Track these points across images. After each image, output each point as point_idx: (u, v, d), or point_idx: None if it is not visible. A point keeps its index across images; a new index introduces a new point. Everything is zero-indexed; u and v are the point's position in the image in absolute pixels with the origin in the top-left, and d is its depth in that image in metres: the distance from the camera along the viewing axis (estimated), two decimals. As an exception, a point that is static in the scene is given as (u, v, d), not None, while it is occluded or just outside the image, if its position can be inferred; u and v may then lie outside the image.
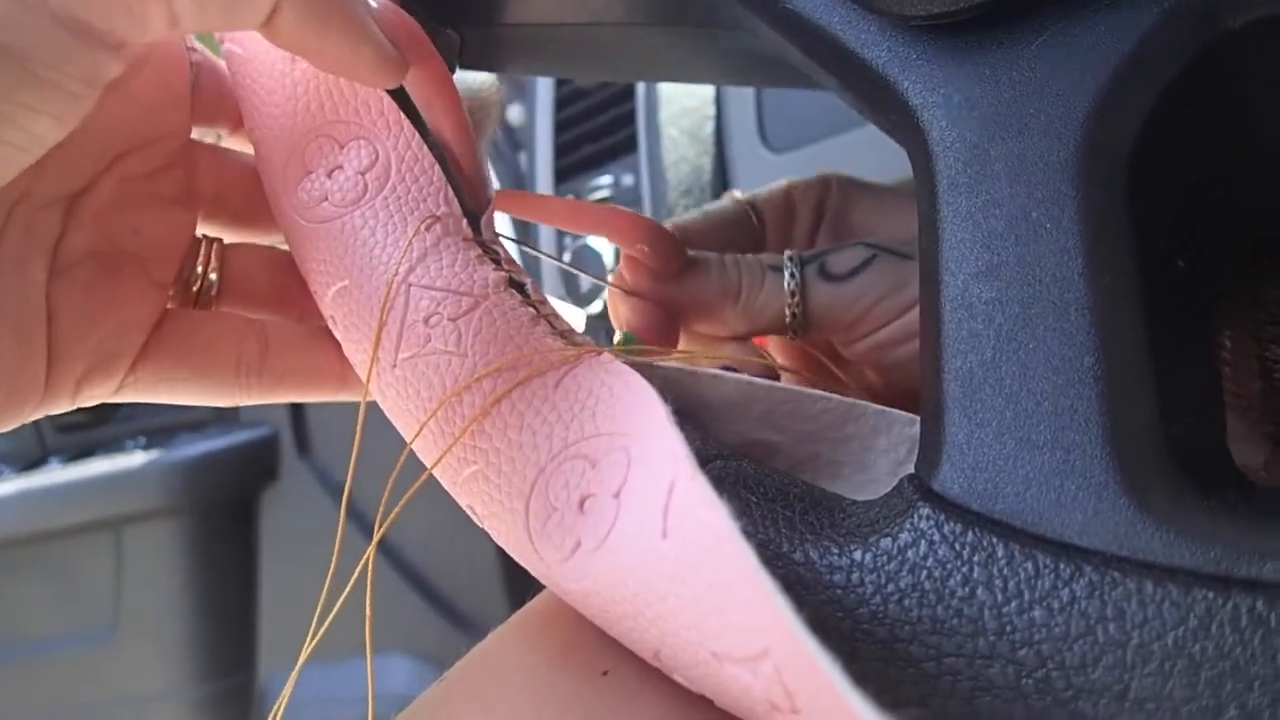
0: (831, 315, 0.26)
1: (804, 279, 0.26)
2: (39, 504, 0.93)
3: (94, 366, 0.20)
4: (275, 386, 0.22)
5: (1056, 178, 0.15)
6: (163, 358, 0.21)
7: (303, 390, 0.22)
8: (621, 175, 0.60)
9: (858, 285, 0.26)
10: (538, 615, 0.20)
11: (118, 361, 0.20)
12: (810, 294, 0.26)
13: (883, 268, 0.26)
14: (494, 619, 0.20)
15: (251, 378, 0.22)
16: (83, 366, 0.20)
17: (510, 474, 0.18)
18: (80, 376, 0.20)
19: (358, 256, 0.20)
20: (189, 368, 0.21)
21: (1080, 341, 0.15)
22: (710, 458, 0.18)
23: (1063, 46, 0.15)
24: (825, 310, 0.26)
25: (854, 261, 0.26)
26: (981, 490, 0.15)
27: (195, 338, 0.21)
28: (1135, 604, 0.13)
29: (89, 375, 0.20)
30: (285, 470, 0.95)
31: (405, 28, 0.20)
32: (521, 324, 0.19)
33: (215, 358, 0.21)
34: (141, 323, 0.21)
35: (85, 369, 0.20)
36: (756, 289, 0.27)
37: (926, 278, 0.17)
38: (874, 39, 0.17)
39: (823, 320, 0.26)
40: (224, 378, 0.21)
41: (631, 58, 0.28)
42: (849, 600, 0.15)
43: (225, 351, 0.21)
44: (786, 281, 0.26)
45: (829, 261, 0.26)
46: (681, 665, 0.15)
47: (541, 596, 0.20)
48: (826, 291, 0.26)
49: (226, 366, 0.21)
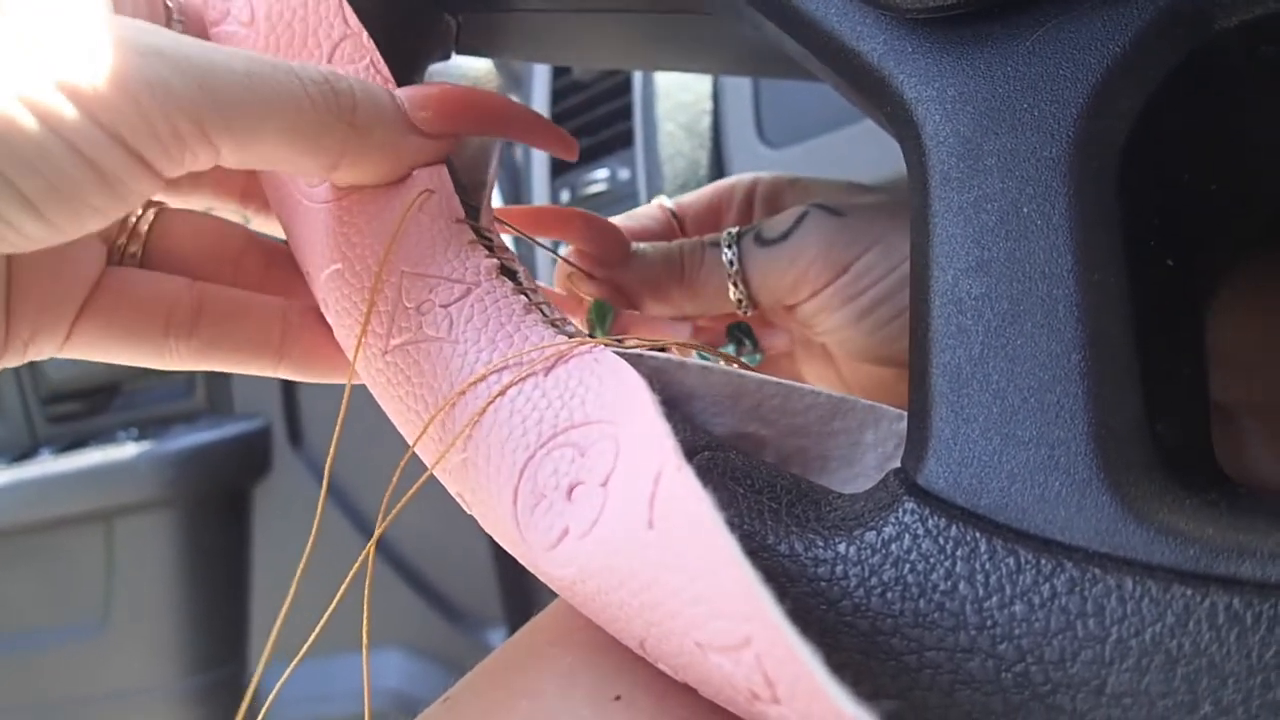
0: (770, 281, 0.26)
1: (741, 249, 0.27)
2: (30, 495, 0.92)
3: (43, 323, 0.20)
4: (206, 351, 0.22)
5: (1048, 174, 0.15)
6: (98, 315, 0.21)
7: (236, 360, 0.23)
8: (618, 169, 0.60)
9: (791, 246, 0.26)
10: (544, 632, 0.19)
11: (63, 318, 0.21)
12: (748, 262, 0.26)
13: (816, 225, 0.26)
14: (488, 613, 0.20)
15: (180, 340, 0.22)
16: (32, 324, 0.20)
17: (499, 461, 0.18)
18: (31, 331, 0.20)
19: (352, 240, 0.20)
20: (120, 324, 0.21)
21: (1068, 338, 0.15)
22: (698, 448, 0.18)
23: (1057, 43, 0.15)
24: (763, 276, 0.26)
25: (786, 223, 0.26)
26: (966, 485, 0.15)
27: (127, 296, 0.21)
28: (1115, 600, 0.13)
29: (37, 332, 0.20)
30: (278, 462, 0.95)
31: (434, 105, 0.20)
32: (513, 312, 0.19)
33: (145, 317, 0.21)
34: (87, 278, 0.21)
35: (34, 326, 0.20)
36: (697, 264, 0.27)
37: (917, 272, 0.17)
38: (869, 31, 0.17)
39: (763, 287, 0.27)
40: (153, 337, 0.22)
41: (628, 46, 0.28)
42: (832, 592, 0.15)
43: (155, 312, 0.22)
44: (725, 254, 0.27)
45: (763, 227, 0.27)
46: (666, 654, 0.15)
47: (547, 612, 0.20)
48: (762, 256, 0.26)
49: (155, 326, 0.21)
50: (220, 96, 0.16)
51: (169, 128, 0.16)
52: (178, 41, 0.16)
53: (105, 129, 0.15)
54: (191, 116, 0.16)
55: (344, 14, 0.21)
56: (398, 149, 0.20)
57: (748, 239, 0.27)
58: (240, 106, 0.16)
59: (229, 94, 0.16)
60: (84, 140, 0.15)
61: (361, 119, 0.19)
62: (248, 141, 0.17)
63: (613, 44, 0.28)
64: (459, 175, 0.21)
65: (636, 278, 0.28)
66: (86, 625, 0.94)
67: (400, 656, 0.86)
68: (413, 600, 0.85)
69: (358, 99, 0.19)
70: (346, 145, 0.18)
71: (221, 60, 0.16)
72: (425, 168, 0.20)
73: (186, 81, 0.16)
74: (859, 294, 0.25)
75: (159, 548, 0.92)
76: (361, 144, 0.19)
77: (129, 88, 0.15)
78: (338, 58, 0.21)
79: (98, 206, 0.16)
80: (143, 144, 0.16)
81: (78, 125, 0.15)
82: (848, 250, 0.25)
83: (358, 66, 0.21)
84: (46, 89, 0.15)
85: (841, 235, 0.25)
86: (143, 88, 0.15)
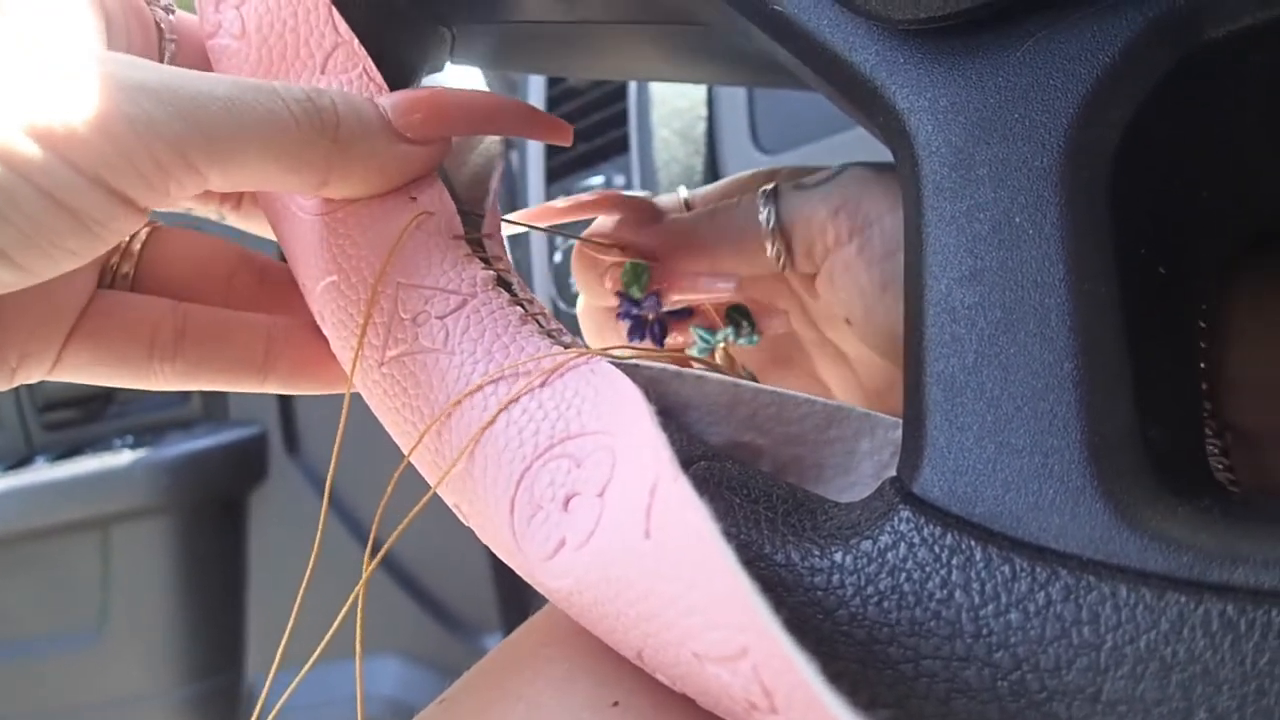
0: (803, 218, 0.26)
1: (779, 195, 0.27)
2: (26, 502, 0.92)
3: (31, 350, 0.20)
4: (191, 373, 0.22)
5: (1040, 183, 0.15)
6: (85, 340, 0.21)
7: (221, 379, 0.23)
8: (613, 175, 0.60)
9: (829, 188, 0.26)
10: (540, 634, 0.19)
11: (51, 344, 0.21)
12: (784, 204, 0.26)
13: (854, 177, 0.26)
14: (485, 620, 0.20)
15: (165, 362, 0.22)
16: (20, 351, 0.20)
17: (496, 472, 0.18)
18: (19, 359, 0.20)
19: (348, 251, 0.20)
20: (106, 348, 0.21)
21: (1060, 347, 0.15)
22: (694, 459, 0.18)
23: (1047, 53, 0.16)
24: (798, 214, 0.26)
25: (828, 173, 0.26)
26: (961, 494, 0.15)
27: (113, 320, 0.21)
28: (1109, 608, 0.13)
29: (25, 359, 0.20)
30: (274, 469, 0.94)
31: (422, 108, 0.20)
32: (509, 322, 0.19)
33: (130, 340, 0.21)
34: (76, 304, 0.21)
35: (22, 353, 0.20)
36: (732, 213, 0.27)
37: (910, 281, 0.17)
38: (861, 42, 0.17)
39: (794, 228, 0.26)
40: (138, 360, 0.22)
41: (623, 56, 0.28)
42: (828, 602, 0.15)
43: (140, 335, 0.22)
44: (761, 208, 0.27)
45: (804, 178, 0.27)
46: (663, 665, 0.15)
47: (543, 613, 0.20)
48: (799, 198, 0.26)
49: (140, 349, 0.22)
50: (203, 125, 0.16)
51: (151, 162, 0.16)
52: (160, 74, 0.16)
53: (82, 172, 0.15)
54: (174, 148, 0.16)
55: (334, 23, 0.21)
56: (385, 160, 0.20)
57: (786, 185, 0.27)
58: (223, 133, 0.16)
59: (211, 121, 0.16)
60: (57, 185, 0.15)
61: (345, 134, 0.18)
62: (233, 166, 0.17)
63: (607, 55, 0.28)
64: (459, 189, 0.21)
65: (671, 234, 0.28)
66: (82, 633, 0.93)
67: (397, 664, 0.86)
68: (410, 608, 0.85)
69: (340, 114, 0.18)
70: (331, 161, 0.18)
71: (205, 89, 0.16)
72: (425, 190, 0.20)
73: (169, 113, 0.16)
74: (885, 256, 0.25)
75: (155, 555, 0.92)
76: (346, 158, 0.19)
77: (110, 127, 0.15)
78: (330, 67, 0.21)
79: (73, 250, 0.16)
80: (125, 182, 0.15)
81: (51, 169, 0.15)
82: (879, 202, 0.25)
83: (351, 75, 0.21)
84: (16, 136, 0.14)
85: (877, 188, 0.25)
86: (124, 125, 0.15)
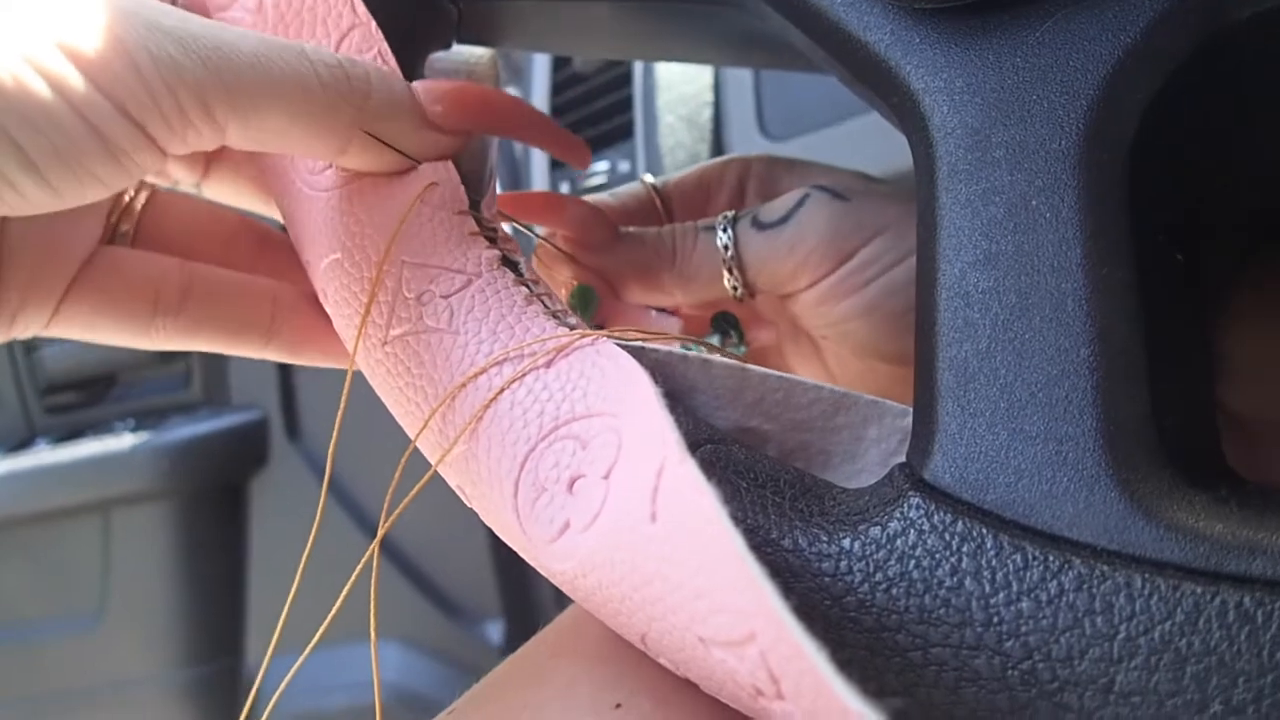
0: (768, 267, 0.25)
1: (737, 233, 0.25)
2: (26, 485, 0.92)
3: (31, 295, 0.20)
4: (193, 330, 0.22)
5: (1057, 166, 0.15)
6: (87, 291, 0.21)
7: (223, 340, 0.22)
8: (618, 161, 0.59)
9: (791, 230, 0.24)
10: (548, 646, 0.19)
11: (52, 291, 0.20)
12: (744, 247, 0.25)
13: (817, 209, 0.24)
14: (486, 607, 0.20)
15: (168, 318, 0.22)
16: (21, 294, 0.20)
17: (500, 453, 0.17)
18: (19, 302, 0.20)
19: (352, 229, 0.20)
20: (108, 301, 0.21)
21: (1076, 332, 0.14)
22: (700, 442, 0.18)
23: (1067, 33, 0.15)
24: (761, 262, 0.25)
25: (786, 206, 0.25)
26: (973, 480, 0.15)
27: (117, 274, 0.21)
28: (1123, 598, 0.13)
29: (25, 303, 0.20)
30: (275, 454, 0.94)
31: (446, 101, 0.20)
32: (515, 303, 0.19)
33: (133, 295, 0.21)
34: (79, 254, 0.21)
35: (23, 297, 0.20)
36: (689, 249, 0.26)
37: (923, 265, 0.16)
38: (877, 22, 0.17)
39: (760, 274, 0.25)
40: (140, 316, 0.21)
41: (630, 35, 0.28)
42: (837, 588, 0.15)
43: (144, 290, 0.21)
44: (719, 238, 0.25)
45: (761, 211, 0.25)
46: (668, 649, 0.15)
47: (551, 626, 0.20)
48: (759, 241, 0.25)
49: (143, 305, 0.21)
50: (226, 75, 0.16)
51: (172, 102, 0.15)
52: (184, 18, 0.16)
53: (109, 97, 0.15)
54: (195, 93, 0.16)
55: (353, 3, 0.21)
56: (410, 140, 0.19)
57: (744, 223, 0.25)
58: (247, 85, 0.16)
59: (236, 73, 0.16)
60: (89, 106, 0.15)
61: (374, 106, 0.18)
62: (254, 121, 0.17)
63: (614, 34, 0.28)
64: (460, 167, 0.21)
65: (624, 261, 0.27)
66: (83, 616, 0.94)
67: (398, 650, 0.86)
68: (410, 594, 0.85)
69: (373, 85, 0.18)
70: (354, 130, 0.18)
71: (229, 39, 0.16)
72: (433, 167, 0.20)
73: (191, 58, 0.15)
74: (864, 284, 0.24)
75: (156, 539, 0.92)
76: (372, 130, 0.19)
77: (133, 58, 0.15)
78: (345, 47, 0.21)
79: (100, 175, 0.16)
80: (146, 117, 0.15)
81: (83, 91, 0.15)
82: (852, 236, 0.24)
83: (365, 56, 0.21)
84: (51, 52, 0.14)
85: (846, 220, 0.24)
86: (146, 59, 0.15)
